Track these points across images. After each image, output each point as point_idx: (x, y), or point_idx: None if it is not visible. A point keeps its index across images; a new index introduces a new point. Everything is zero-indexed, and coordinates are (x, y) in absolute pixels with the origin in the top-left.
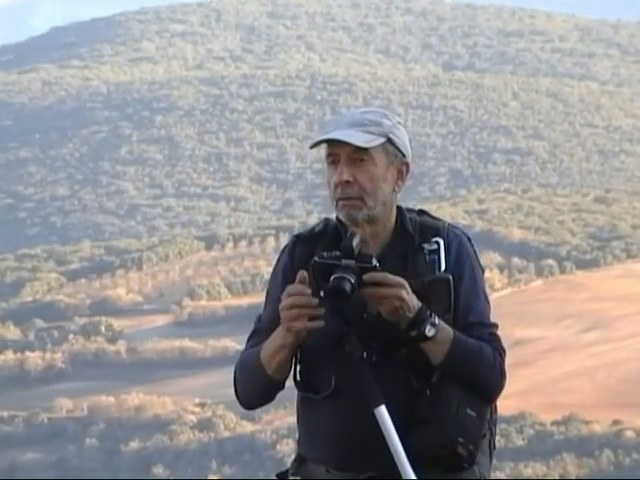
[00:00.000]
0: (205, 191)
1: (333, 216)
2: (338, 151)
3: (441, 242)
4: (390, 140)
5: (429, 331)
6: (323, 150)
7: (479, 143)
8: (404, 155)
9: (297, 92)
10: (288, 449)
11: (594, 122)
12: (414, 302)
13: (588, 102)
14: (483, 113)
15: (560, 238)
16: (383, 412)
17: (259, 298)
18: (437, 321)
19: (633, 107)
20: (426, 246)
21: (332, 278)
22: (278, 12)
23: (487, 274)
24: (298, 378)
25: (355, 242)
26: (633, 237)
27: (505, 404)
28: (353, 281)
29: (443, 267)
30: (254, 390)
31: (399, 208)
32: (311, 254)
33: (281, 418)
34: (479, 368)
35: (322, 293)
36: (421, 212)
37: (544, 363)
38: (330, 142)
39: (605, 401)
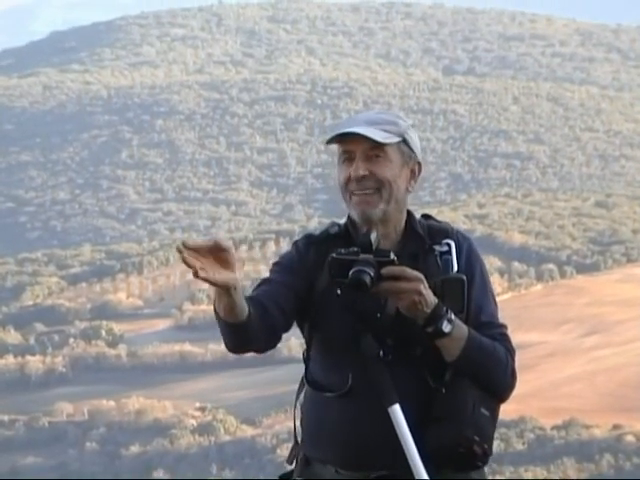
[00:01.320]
0: (205, 195)
1: (339, 220)
2: (354, 148)
3: (452, 244)
4: (405, 140)
5: (446, 327)
6: (324, 154)
7: (479, 147)
8: (417, 156)
9: (297, 96)
10: (288, 453)
11: (594, 127)
12: (431, 297)
13: (588, 107)
14: (483, 117)
15: (560, 242)
16: (397, 411)
17: None
18: (453, 317)
19: (633, 112)
20: (437, 248)
21: (352, 271)
22: (279, 17)
23: None
24: (310, 377)
25: (373, 237)
26: (633, 241)
27: (505, 408)
28: (372, 274)
29: (455, 268)
30: (223, 330)
31: (408, 211)
32: (324, 256)
33: (281, 422)
34: (492, 366)
35: (339, 291)
36: (426, 216)
37: (544, 367)
38: (345, 139)
39: (605, 406)
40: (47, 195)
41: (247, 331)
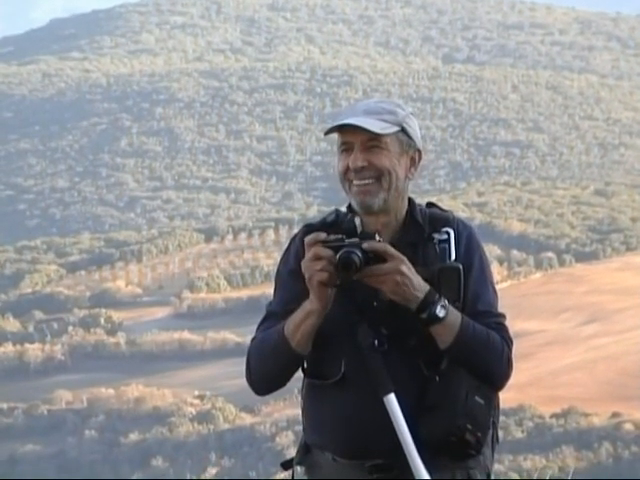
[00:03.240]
0: (205, 183)
1: (342, 207)
2: (352, 139)
3: (451, 232)
4: (404, 129)
5: (440, 312)
6: (323, 143)
7: (479, 136)
8: (416, 144)
9: (297, 85)
10: (287, 441)
11: (594, 115)
12: (418, 280)
13: (588, 95)
14: (483, 106)
15: (559, 231)
16: (392, 400)
17: (258, 290)
18: (446, 303)
19: (633, 100)
20: (436, 236)
21: (339, 253)
22: (278, 4)
23: None
24: (305, 364)
25: (357, 222)
26: (632, 230)
27: (504, 397)
28: (360, 255)
29: (453, 256)
30: (273, 368)
31: (410, 199)
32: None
33: (280, 410)
34: (486, 354)
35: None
36: (430, 204)
37: (543, 356)
38: (344, 130)
39: (604, 394)
40: (46, 183)
41: (298, 367)
